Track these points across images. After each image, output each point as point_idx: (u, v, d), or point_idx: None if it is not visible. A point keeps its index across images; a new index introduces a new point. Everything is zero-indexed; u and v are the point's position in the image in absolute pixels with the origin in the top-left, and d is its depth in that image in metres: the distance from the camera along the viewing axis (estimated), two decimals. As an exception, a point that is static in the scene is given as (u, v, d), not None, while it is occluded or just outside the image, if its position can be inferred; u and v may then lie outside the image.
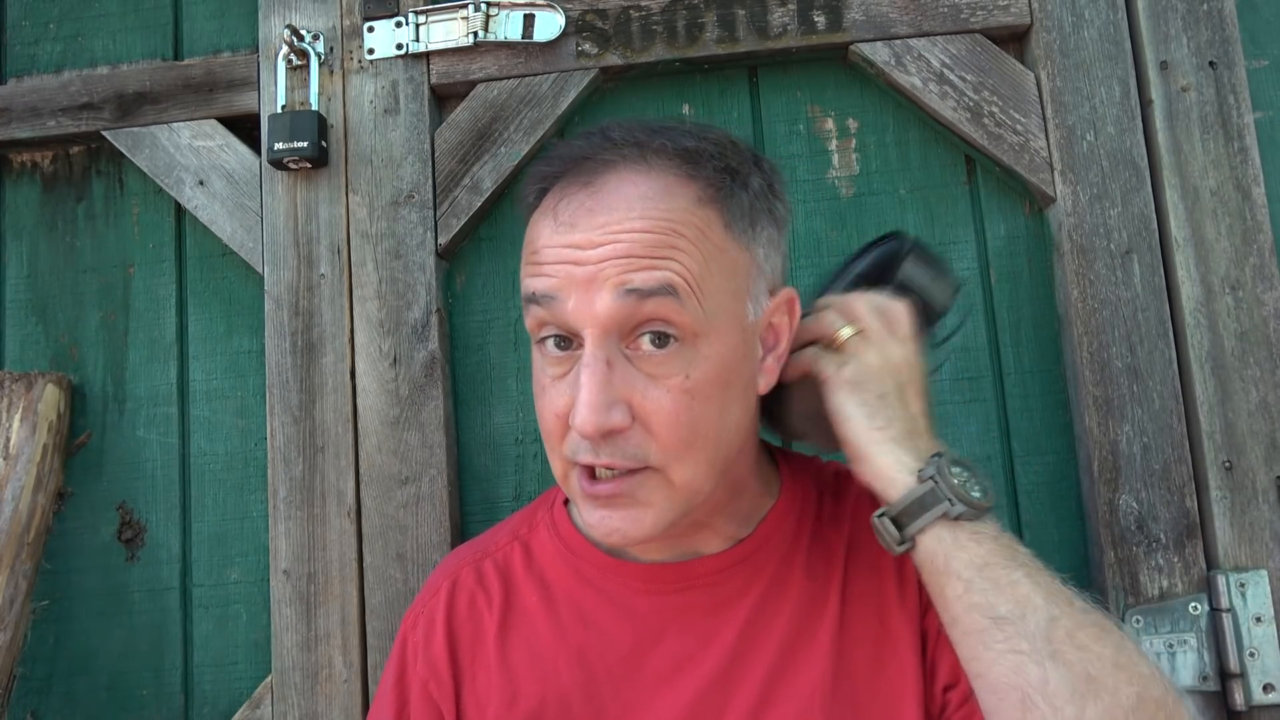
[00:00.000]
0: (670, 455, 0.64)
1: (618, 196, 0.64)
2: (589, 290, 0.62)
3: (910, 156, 1.10)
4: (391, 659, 0.81)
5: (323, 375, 1.05)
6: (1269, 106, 1.09)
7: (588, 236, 0.63)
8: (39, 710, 1.10)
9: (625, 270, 0.62)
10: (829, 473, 0.83)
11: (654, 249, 0.63)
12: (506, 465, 1.08)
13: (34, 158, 1.20)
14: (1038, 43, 1.04)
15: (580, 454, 0.65)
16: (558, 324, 0.65)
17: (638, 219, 0.63)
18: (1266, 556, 0.95)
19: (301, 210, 1.08)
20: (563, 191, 0.67)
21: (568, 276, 0.63)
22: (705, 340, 0.65)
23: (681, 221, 0.64)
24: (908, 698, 0.70)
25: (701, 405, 0.64)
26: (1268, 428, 0.97)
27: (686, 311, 0.63)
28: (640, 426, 0.64)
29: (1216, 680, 0.94)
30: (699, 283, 0.64)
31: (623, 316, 0.62)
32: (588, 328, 0.63)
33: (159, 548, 1.12)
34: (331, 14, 1.10)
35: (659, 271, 0.62)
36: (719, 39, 1.06)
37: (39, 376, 1.10)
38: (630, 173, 0.66)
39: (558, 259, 0.64)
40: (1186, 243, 1.00)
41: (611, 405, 0.62)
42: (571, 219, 0.65)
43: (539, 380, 0.69)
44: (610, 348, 0.63)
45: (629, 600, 0.74)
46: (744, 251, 0.68)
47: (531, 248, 0.68)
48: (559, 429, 0.66)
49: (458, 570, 0.81)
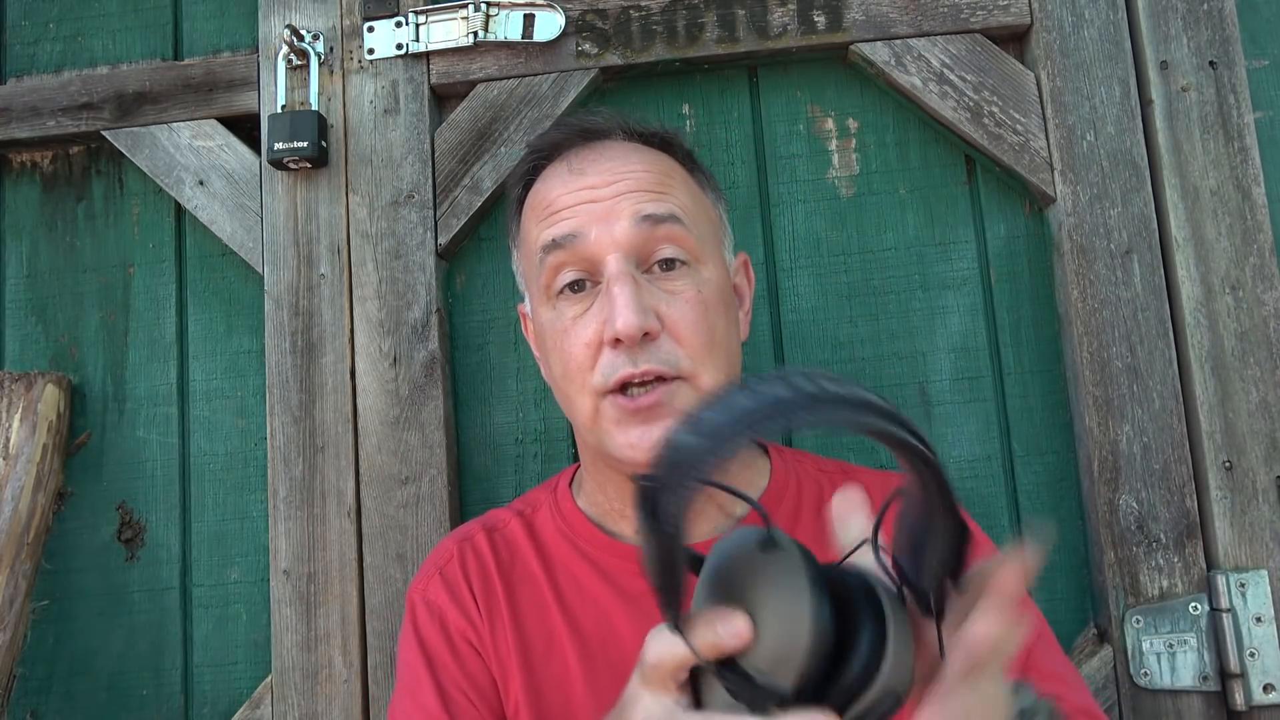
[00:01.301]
0: (697, 360, 0.70)
1: (617, 150, 0.76)
2: (608, 221, 0.71)
3: (910, 156, 1.10)
4: (413, 624, 0.80)
5: (323, 375, 1.05)
6: (1269, 106, 1.09)
7: (600, 178, 0.73)
8: (39, 710, 1.10)
9: (638, 201, 0.71)
10: (831, 469, 0.84)
11: (657, 184, 0.73)
12: (506, 465, 1.08)
13: (34, 158, 1.20)
14: (1038, 43, 1.04)
15: (619, 368, 0.69)
16: (579, 261, 0.72)
17: (638, 163, 0.74)
18: (1266, 556, 0.95)
19: (301, 210, 1.08)
20: (569, 151, 0.77)
21: (587, 214, 0.71)
22: (705, 265, 0.74)
23: (671, 170, 0.76)
24: None
25: (714, 315, 0.72)
26: (1268, 428, 0.97)
27: (691, 236, 0.73)
28: (669, 335, 0.70)
29: (1216, 680, 0.94)
30: (694, 219, 0.74)
31: (640, 240, 0.71)
32: (611, 252, 0.70)
33: (159, 548, 1.12)
34: (331, 14, 1.10)
35: (665, 202, 0.72)
36: (719, 39, 1.06)
37: (39, 376, 1.10)
38: (621, 139, 0.78)
39: (575, 201, 0.72)
40: (1186, 243, 1.00)
41: (645, 309, 0.69)
42: (582, 166, 0.75)
43: (557, 327, 0.74)
44: (632, 267, 0.71)
45: (623, 580, 0.77)
46: (714, 208, 0.81)
47: (544, 202, 0.75)
48: (589, 359, 0.71)
49: (468, 535, 0.84)
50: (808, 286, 1.09)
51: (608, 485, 0.78)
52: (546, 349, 0.76)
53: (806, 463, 0.84)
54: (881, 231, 1.09)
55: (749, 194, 1.10)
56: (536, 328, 0.79)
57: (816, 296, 1.08)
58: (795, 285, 1.08)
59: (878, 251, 1.08)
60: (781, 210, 1.10)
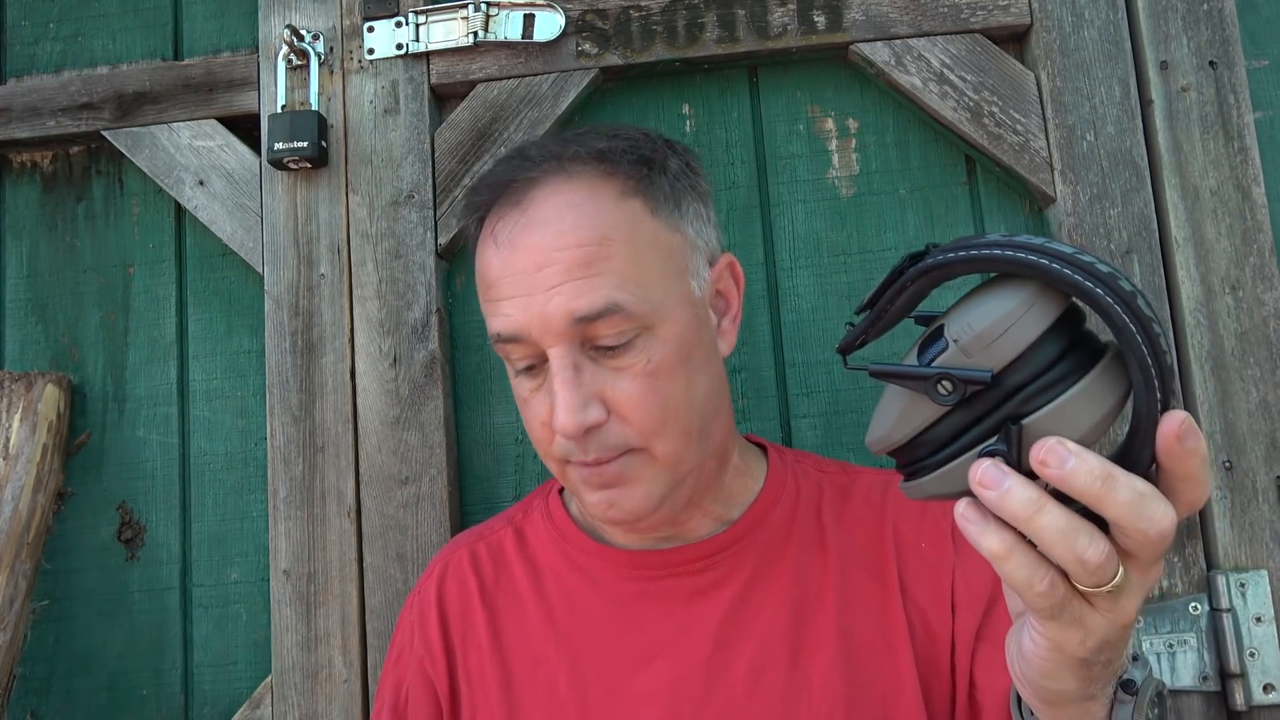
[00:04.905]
0: (648, 435, 0.68)
1: (548, 208, 0.68)
2: (544, 316, 0.66)
3: (910, 156, 1.10)
4: (392, 641, 0.85)
5: (323, 375, 1.05)
6: (1269, 106, 1.09)
7: (530, 258, 0.67)
8: (39, 710, 1.10)
9: (570, 298, 0.66)
10: (831, 470, 0.83)
11: (589, 262, 0.66)
12: (506, 465, 1.08)
13: (34, 158, 1.20)
14: (1038, 43, 1.04)
15: (570, 454, 0.69)
16: (526, 352, 0.69)
17: (569, 233, 0.67)
18: (1266, 556, 0.95)
19: (301, 210, 1.08)
20: (498, 215, 0.71)
21: (524, 310, 0.67)
22: (660, 326, 0.68)
23: (610, 224, 0.68)
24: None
25: (668, 384, 0.68)
26: (1268, 428, 0.97)
27: (635, 315, 0.67)
28: (616, 417, 0.68)
29: (1216, 680, 0.94)
30: (639, 281, 0.68)
31: (577, 333, 0.67)
32: (551, 346, 0.67)
33: (159, 548, 1.12)
34: (331, 14, 1.10)
35: (598, 289, 0.66)
36: (719, 39, 1.06)
37: (39, 376, 1.10)
38: (554, 184, 0.69)
39: (511, 292, 0.68)
40: (1186, 243, 1.00)
41: (586, 404, 0.67)
42: (510, 239, 0.69)
43: (519, 395, 0.73)
44: (575, 354, 0.67)
45: (611, 586, 0.77)
46: (675, 233, 0.72)
47: (485, 282, 0.71)
48: (547, 435, 0.70)
49: (452, 554, 0.85)
50: (808, 286, 1.09)
51: None
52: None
53: (806, 463, 0.83)
54: (881, 231, 1.09)
55: (749, 194, 1.10)
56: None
57: (816, 296, 1.08)
58: (795, 285, 1.08)
59: (878, 251, 1.08)
60: (781, 210, 1.10)
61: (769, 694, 0.70)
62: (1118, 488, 0.39)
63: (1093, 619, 0.43)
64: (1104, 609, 0.43)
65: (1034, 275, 0.41)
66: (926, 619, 0.72)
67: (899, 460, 0.48)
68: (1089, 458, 0.39)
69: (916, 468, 0.46)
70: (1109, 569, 0.41)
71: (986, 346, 0.42)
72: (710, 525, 0.77)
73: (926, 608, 0.73)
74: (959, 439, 0.44)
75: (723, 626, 0.73)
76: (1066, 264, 0.40)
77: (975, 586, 0.72)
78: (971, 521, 0.43)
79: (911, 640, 0.71)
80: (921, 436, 0.45)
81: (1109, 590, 0.42)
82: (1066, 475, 0.39)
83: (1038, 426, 0.41)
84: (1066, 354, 0.42)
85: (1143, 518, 0.40)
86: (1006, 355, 0.41)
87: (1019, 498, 0.40)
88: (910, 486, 0.47)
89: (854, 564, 0.75)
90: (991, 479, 0.41)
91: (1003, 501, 0.41)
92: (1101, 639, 0.44)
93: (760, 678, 0.71)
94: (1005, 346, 0.41)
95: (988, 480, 0.41)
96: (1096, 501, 0.40)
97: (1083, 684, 0.47)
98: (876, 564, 0.75)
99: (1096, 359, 0.42)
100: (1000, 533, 0.42)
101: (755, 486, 0.80)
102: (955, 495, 0.44)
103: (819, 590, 0.74)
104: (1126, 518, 0.40)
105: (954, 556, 0.74)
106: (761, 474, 0.81)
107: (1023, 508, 0.40)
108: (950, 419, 0.44)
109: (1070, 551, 0.40)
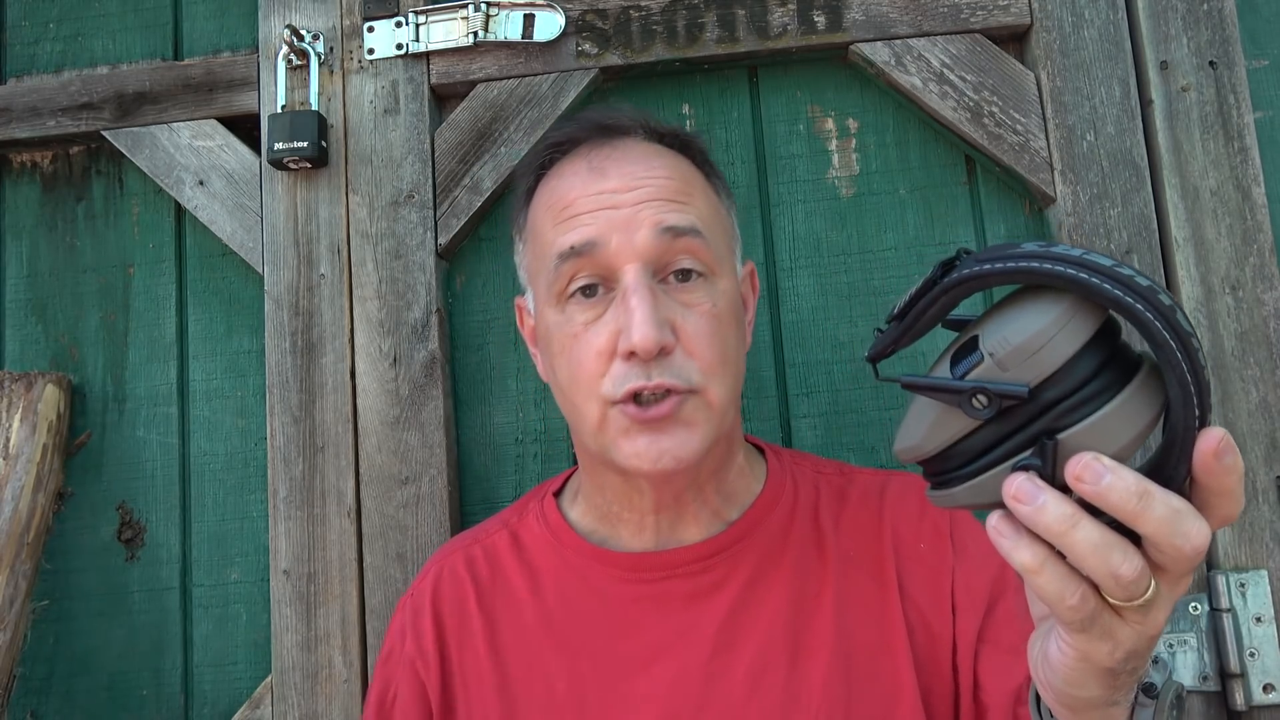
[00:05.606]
0: (709, 375, 0.69)
1: (638, 152, 0.74)
2: (629, 229, 0.69)
3: (910, 156, 1.10)
4: (384, 643, 0.84)
5: (323, 375, 1.05)
6: (1269, 106, 1.09)
7: (621, 181, 0.71)
8: (39, 710, 1.10)
9: (660, 210, 0.69)
10: (830, 471, 0.83)
11: (679, 193, 0.71)
12: (506, 465, 1.08)
13: (34, 158, 1.20)
14: (1038, 43, 1.04)
15: (631, 380, 0.67)
16: (595, 269, 0.70)
17: (660, 167, 0.72)
18: (1266, 556, 0.95)
19: (301, 210, 1.08)
20: (589, 148, 0.75)
21: (608, 221, 0.69)
22: (720, 278, 0.72)
23: (692, 180, 0.74)
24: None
25: (726, 330, 0.71)
26: (1268, 428, 0.97)
27: (709, 249, 0.71)
28: (682, 349, 0.68)
29: (1216, 680, 0.94)
30: (712, 231, 0.73)
31: (660, 250, 0.69)
32: (630, 262, 0.68)
33: (159, 548, 1.12)
34: (331, 14, 1.10)
35: (687, 213, 0.70)
36: (719, 39, 1.06)
37: (39, 376, 1.10)
38: (642, 139, 0.76)
39: (594, 206, 0.70)
40: (1186, 243, 1.00)
41: (662, 323, 0.67)
42: (602, 166, 0.72)
43: (566, 331, 0.71)
44: (650, 279, 0.69)
45: (609, 588, 0.76)
46: (728, 216, 0.79)
47: (561, 201, 0.72)
48: (599, 367, 0.69)
49: (446, 558, 0.84)
50: (808, 286, 1.09)
51: (607, 489, 0.78)
52: (551, 351, 0.74)
53: (804, 464, 0.83)
54: (881, 231, 1.09)
55: (749, 194, 1.10)
56: (540, 327, 0.76)
57: (816, 296, 1.08)
58: (795, 285, 1.08)
59: (878, 251, 1.08)
60: (781, 210, 1.10)
61: (768, 696, 0.70)
62: (1154, 504, 0.39)
63: (1122, 631, 0.43)
64: (1134, 621, 0.43)
65: (1073, 289, 0.41)
66: (926, 620, 0.72)
67: (927, 469, 0.48)
68: (1125, 474, 0.39)
69: (947, 478, 0.46)
70: (1142, 584, 0.41)
71: (1023, 361, 0.41)
72: (709, 525, 0.77)
73: (926, 609, 0.73)
74: (991, 451, 0.43)
75: (721, 629, 0.72)
76: (1107, 278, 0.39)
77: (975, 587, 0.72)
78: (1004, 535, 0.43)
79: (910, 641, 0.71)
80: (954, 448, 0.45)
81: (1140, 604, 0.42)
82: (1103, 491, 0.39)
83: (1073, 441, 0.41)
84: (1103, 368, 0.42)
85: (1178, 534, 0.39)
86: (1043, 370, 0.41)
87: (1054, 513, 0.40)
88: (939, 495, 0.47)
89: (852, 565, 0.75)
90: (1026, 494, 0.41)
91: (1037, 516, 0.40)
92: (1130, 650, 0.44)
93: (759, 680, 0.71)
94: (1042, 361, 0.41)
95: (1023, 495, 0.41)
96: (1132, 518, 0.39)
97: (1108, 691, 0.47)
98: (875, 565, 0.75)
99: (1132, 372, 0.42)
100: (1033, 546, 0.42)
101: (755, 488, 0.79)
102: (985, 505, 0.44)
103: (817, 592, 0.74)
104: (1162, 534, 0.40)
105: (953, 558, 0.74)
106: (761, 475, 0.81)
107: (1057, 523, 0.40)
108: (983, 431, 0.43)
109: (1104, 566, 0.40)
